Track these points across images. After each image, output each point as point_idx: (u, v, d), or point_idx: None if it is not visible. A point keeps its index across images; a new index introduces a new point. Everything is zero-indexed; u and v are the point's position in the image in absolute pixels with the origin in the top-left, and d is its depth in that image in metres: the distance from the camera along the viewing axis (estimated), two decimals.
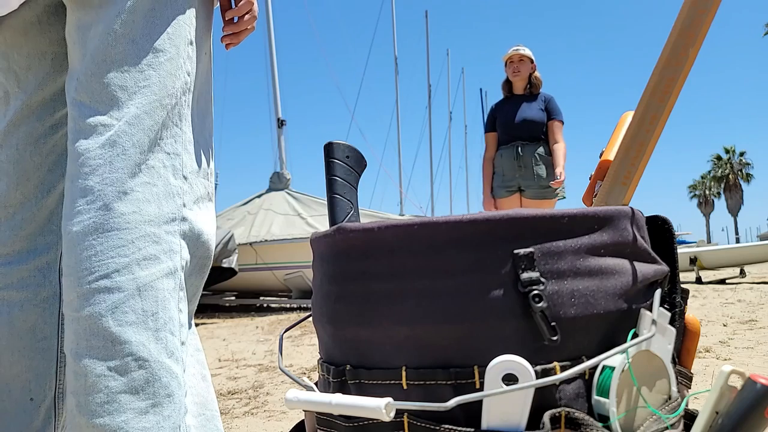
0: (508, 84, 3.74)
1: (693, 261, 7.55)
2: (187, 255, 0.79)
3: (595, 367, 0.53)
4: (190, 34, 0.82)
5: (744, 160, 51.67)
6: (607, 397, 0.51)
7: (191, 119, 0.83)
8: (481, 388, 0.51)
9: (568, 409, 0.50)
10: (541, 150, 3.60)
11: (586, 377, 0.53)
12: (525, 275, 0.51)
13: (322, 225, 6.99)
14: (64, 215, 0.74)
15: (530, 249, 0.52)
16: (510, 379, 0.49)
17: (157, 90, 0.77)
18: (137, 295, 0.70)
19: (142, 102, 0.75)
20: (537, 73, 3.70)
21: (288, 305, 7.29)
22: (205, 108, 0.87)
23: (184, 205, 0.79)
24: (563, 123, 3.65)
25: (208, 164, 0.87)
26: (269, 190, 8.11)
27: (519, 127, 3.61)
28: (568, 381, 0.52)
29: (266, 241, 6.77)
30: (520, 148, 3.59)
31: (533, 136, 3.59)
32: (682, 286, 0.64)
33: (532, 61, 3.66)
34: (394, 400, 0.49)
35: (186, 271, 0.80)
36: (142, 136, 0.75)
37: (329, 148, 0.79)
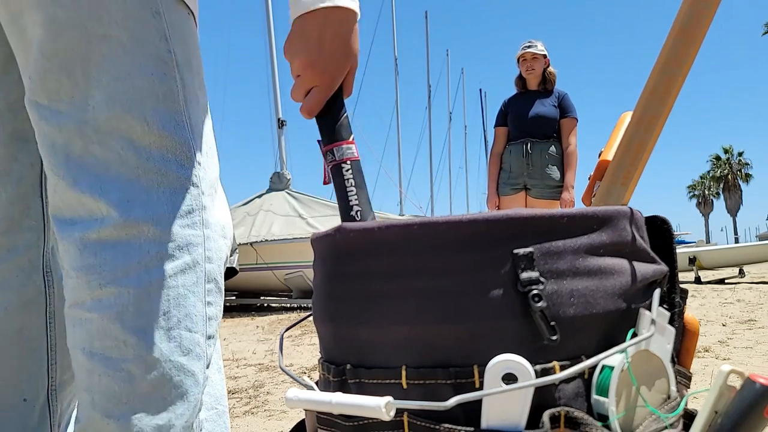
0: (521, 80, 3.64)
1: (692, 261, 7.56)
2: (212, 244, 0.76)
3: (594, 367, 0.53)
4: (153, 3, 0.70)
5: (743, 160, 51.64)
6: (607, 397, 0.51)
7: (189, 95, 0.75)
8: (481, 388, 0.51)
9: (567, 409, 0.50)
10: (552, 149, 3.49)
11: (586, 377, 0.53)
12: (524, 275, 0.51)
13: (323, 225, 6.99)
14: (61, 221, 0.71)
15: (530, 249, 0.52)
16: (510, 378, 0.49)
17: (116, 80, 0.68)
18: (147, 296, 0.69)
19: (104, 98, 0.68)
20: (551, 69, 3.59)
21: (288, 305, 7.30)
22: (199, 80, 0.78)
23: (203, 193, 0.75)
24: (577, 121, 3.52)
25: (214, 141, 0.81)
26: (269, 190, 8.12)
27: (531, 123, 3.50)
28: (567, 380, 0.52)
29: (267, 241, 6.78)
30: (529, 145, 3.48)
31: (545, 133, 3.49)
32: (681, 286, 0.64)
33: (545, 57, 3.57)
34: (394, 399, 0.50)
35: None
36: (114, 135, 0.68)
37: None
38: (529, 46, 3.58)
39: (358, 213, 0.73)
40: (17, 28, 0.69)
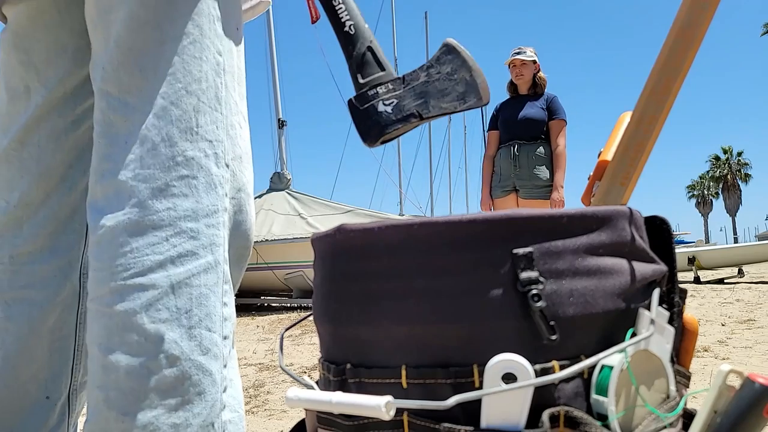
0: (512, 85, 3.76)
1: (691, 261, 7.56)
2: (227, 246, 0.78)
3: (593, 366, 0.53)
4: (215, 9, 0.77)
5: (742, 160, 51.65)
6: (606, 396, 0.51)
7: (230, 101, 0.80)
8: (481, 387, 0.51)
9: (567, 408, 0.51)
10: (540, 150, 3.58)
11: (585, 376, 0.53)
12: (524, 275, 0.52)
13: (323, 225, 7.00)
14: (95, 209, 0.73)
15: (529, 249, 0.52)
16: (509, 377, 0.49)
17: (181, 77, 0.74)
18: (171, 292, 0.69)
19: (167, 92, 0.73)
20: (541, 74, 3.70)
21: (288, 305, 7.30)
22: (241, 88, 0.84)
23: (226, 195, 0.77)
24: (566, 122, 3.63)
25: (249, 148, 0.85)
26: (270, 190, 8.12)
27: (519, 125, 3.61)
28: (566, 380, 0.52)
29: (267, 240, 6.77)
30: (516, 148, 3.60)
31: (532, 135, 3.59)
32: (681, 285, 0.64)
33: (535, 63, 3.66)
34: (395, 398, 0.50)
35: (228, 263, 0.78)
36: (170, 128, 0.73)
37: None
38: (518, 53, 3.69)
39: (351, 27, 0.75)
40: (103, 22, 0.74)
